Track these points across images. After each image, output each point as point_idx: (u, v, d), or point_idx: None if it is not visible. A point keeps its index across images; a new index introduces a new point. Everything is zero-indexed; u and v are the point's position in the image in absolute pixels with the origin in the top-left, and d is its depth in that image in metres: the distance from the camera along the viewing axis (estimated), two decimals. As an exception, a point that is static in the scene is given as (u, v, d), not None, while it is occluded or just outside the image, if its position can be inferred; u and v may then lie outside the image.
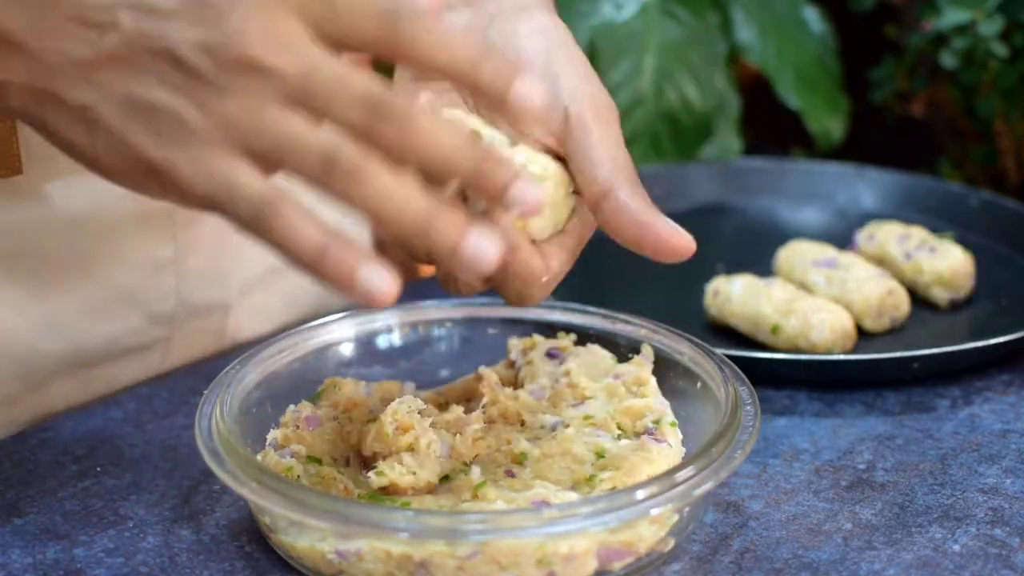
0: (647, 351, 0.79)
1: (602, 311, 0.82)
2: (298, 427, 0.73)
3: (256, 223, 0.59)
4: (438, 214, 0.59)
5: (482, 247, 0.59)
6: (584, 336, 0.81)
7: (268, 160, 0.59)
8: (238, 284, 0.92)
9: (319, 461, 0.72)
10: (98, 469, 0.78)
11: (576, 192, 0.70)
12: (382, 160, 0.58)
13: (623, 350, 0.80)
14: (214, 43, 0.58)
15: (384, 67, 0.69)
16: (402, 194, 0.58)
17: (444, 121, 0.60)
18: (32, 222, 0.80)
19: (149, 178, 0.60)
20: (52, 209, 0.80)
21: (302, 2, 0.59)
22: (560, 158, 0.69)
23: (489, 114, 0.70)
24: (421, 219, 0.59)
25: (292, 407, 0.75)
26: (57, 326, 0.83)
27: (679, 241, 0.68)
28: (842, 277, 0.96)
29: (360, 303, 0.59)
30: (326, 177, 0.58)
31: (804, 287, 0.97)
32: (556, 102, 0.69)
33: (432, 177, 0.60)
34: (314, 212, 0.59)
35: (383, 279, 0.58)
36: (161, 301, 0.87)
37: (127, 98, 0.59)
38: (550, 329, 0.82)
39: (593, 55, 1.23)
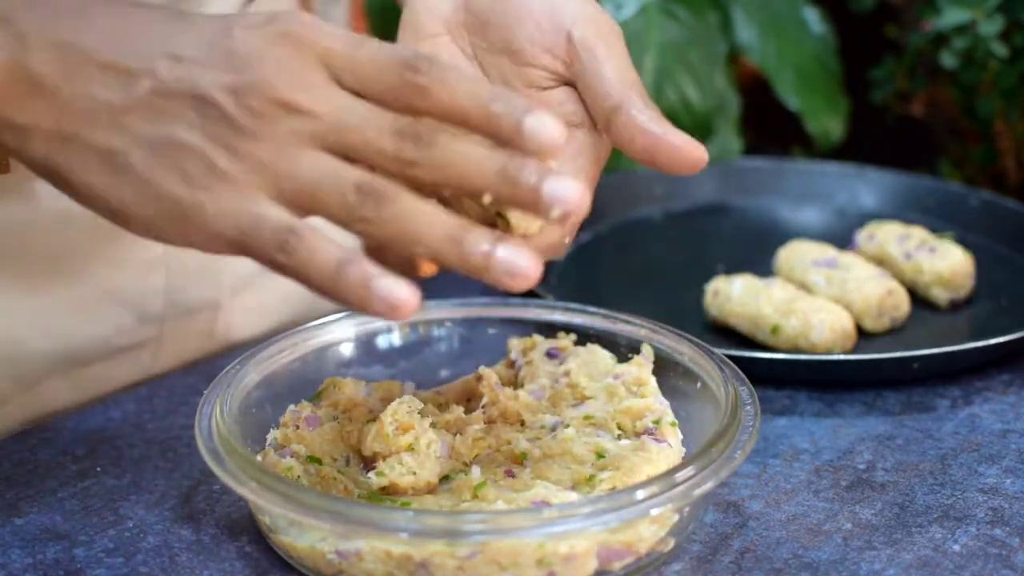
0: (647, 351, 0.79)
1: (602, 311, 0.82)
2: (298, 427, 0.73)
3: (282, 253, 0.60)
4: (466, 233, 0.60)
5: (512, 261, 0.60)
6: (584, 336, 0.81)
7: (299, 199, 0.60)
8: (230, 283, 0.92)
9: (319, 461, 0.72)
10: (98, 469, 0.78)
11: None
12: (411, 187, 0.60)
13: (623, 350, 0.80)
14: (245, 87, 0.60)
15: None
16: (431, 217, 0.60)
17: (472, 141, 0.61)
18: (20, 220, 0.80)
19: (174, 223, 0.61)
20: (40, 207, 0.80)
21: (325, 52, 0.61)
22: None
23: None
24: (452, 237, 0.60)
25: (292, 407, 0.75)
26: (47, 325, 0.83)
27: (692, 151, 0.67)
28: (842, 277, 0.96)
29: (381, 315, 0.59)
30: (359, 208, 0.59)
31: (804, 287, 0.97)
32: (559, 26, 0.70)
33: (467, 195, 0.62)
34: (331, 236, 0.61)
35: (401, 289, 0.59)
36: (151, 300, 0.87)
37: (157, 142, 0.60)
38: (550, 329, 0.82)
39: (593, 55, 1.23)
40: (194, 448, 0.70)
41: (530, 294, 0.95)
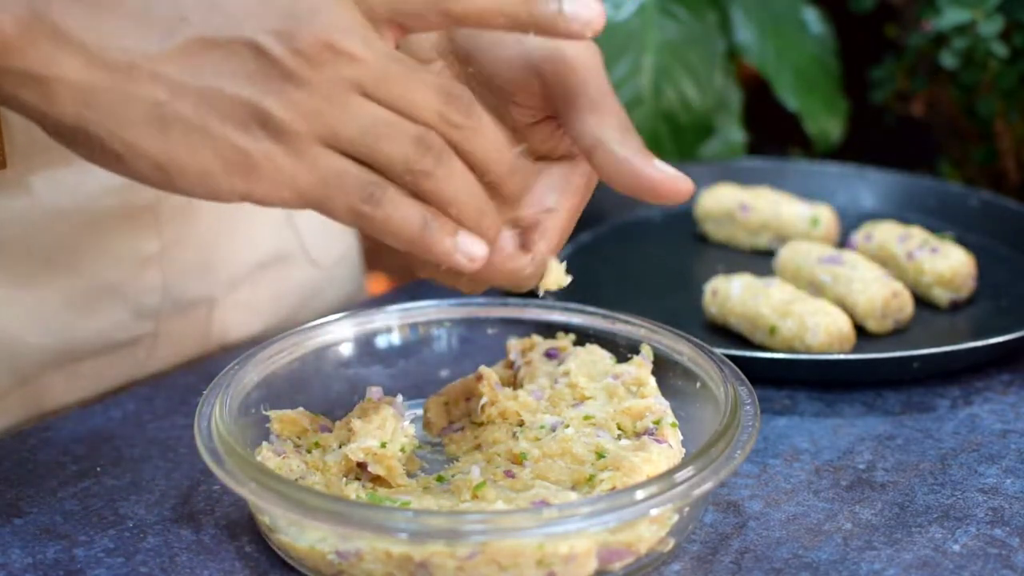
0: (646, 351, 0.79)
1: (601, 311, 0.82)
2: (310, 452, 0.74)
3: (368, 205, 0.61)
4: (489, 208, 0.64)
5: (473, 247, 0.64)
6: (584, 336, 0.81)
7: (354, 149, 0.61)
8: (225, 279, 0.92)
9: (319, 445, 0.73)
10: (98, 469, 0.78)
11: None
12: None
13: (622, 350, 0.80)
14: (290, 30, 0.59)
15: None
16: (470, 184, 0.63)
17: (497, 125, 0.64)
18: (17, 215, 0.80)
19: (236, 174, 0.60)
20: (37, 202, 0.80)
21: (370, 8, 0.62)
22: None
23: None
24: (479, 209, 0.64)
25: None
26: (44, 319, 0.83)
27: (674, 185, 0.67)
28: (848, 275, 0.96)
29: (460, 266, 0.63)
30: (416, 162, 0.61)
31: (813, 285, 0.97)
32: (529, 65, 0.68)
33: (473, 170, 0.64)
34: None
35: (479, 244, 0.63)
36: (147, 295, 0.87)
37: (204, 92, 0.59)
38: (549, 329, 0.82)
39: (592, 55, 1.23)
40: (194, 448, 0.69)
41: (530, 294, 0.95)
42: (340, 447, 0.73)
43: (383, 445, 0.71)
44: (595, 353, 0.80)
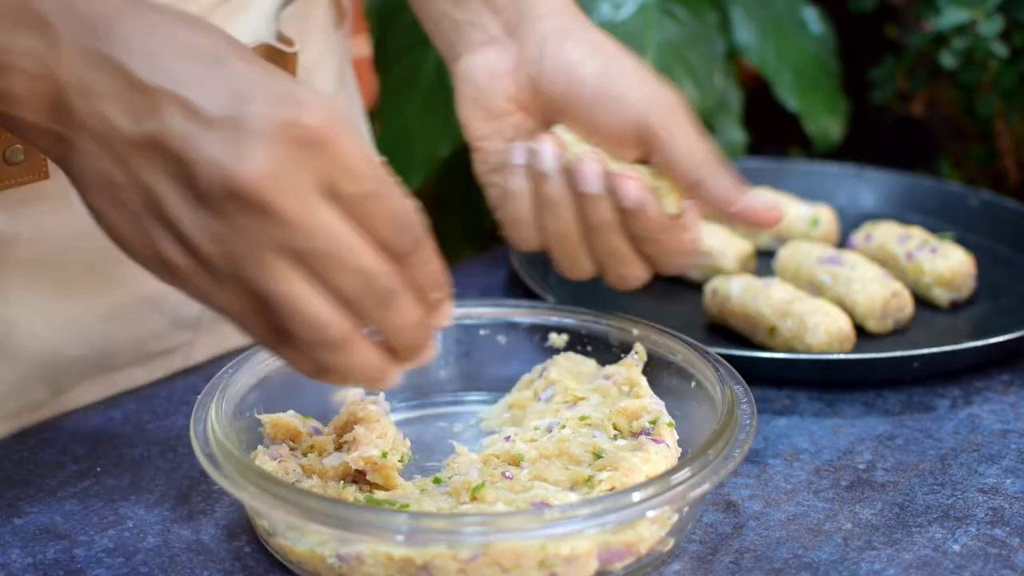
0: (639, 351, 0.79)
1: (593, 311, 0.82)
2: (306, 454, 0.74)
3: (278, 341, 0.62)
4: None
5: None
6: (577, 337, 0.81)
7: (261, 307, 0.62)
8: None
9: (314, 448, 0.73)
10: (98, 469, 0.78)
11: None
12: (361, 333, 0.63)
13: (615, 350, 0.80)
14: (231, 172, 0.58)
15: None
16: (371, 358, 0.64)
17: (416, 305, 0.63)
18: (58, 227, 0.79)
19: (160, 271, 0.63)
20: (78, 214, 0.79)
21: (332, 173, 0.60)
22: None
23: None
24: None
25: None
26: (84, 332, 0.82)
27: (766, 215, 0.77)
28: (847, 276, 0.96)
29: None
30: (310, 348, 0.62)
31: (813, 285, 0.97)
32: (625, 117, 0.77)
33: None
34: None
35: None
36: (187, 306, 0.86)
37: (149, 193, 0.60)
38: (543, 330, 0.82)
39: (592, 55, 1.23)
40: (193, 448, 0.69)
41: (527, 294, 0.95)
42: (335, 451, 0.73)
43: (384, 455, 0.71)
44: (574, 359, 0.80)
